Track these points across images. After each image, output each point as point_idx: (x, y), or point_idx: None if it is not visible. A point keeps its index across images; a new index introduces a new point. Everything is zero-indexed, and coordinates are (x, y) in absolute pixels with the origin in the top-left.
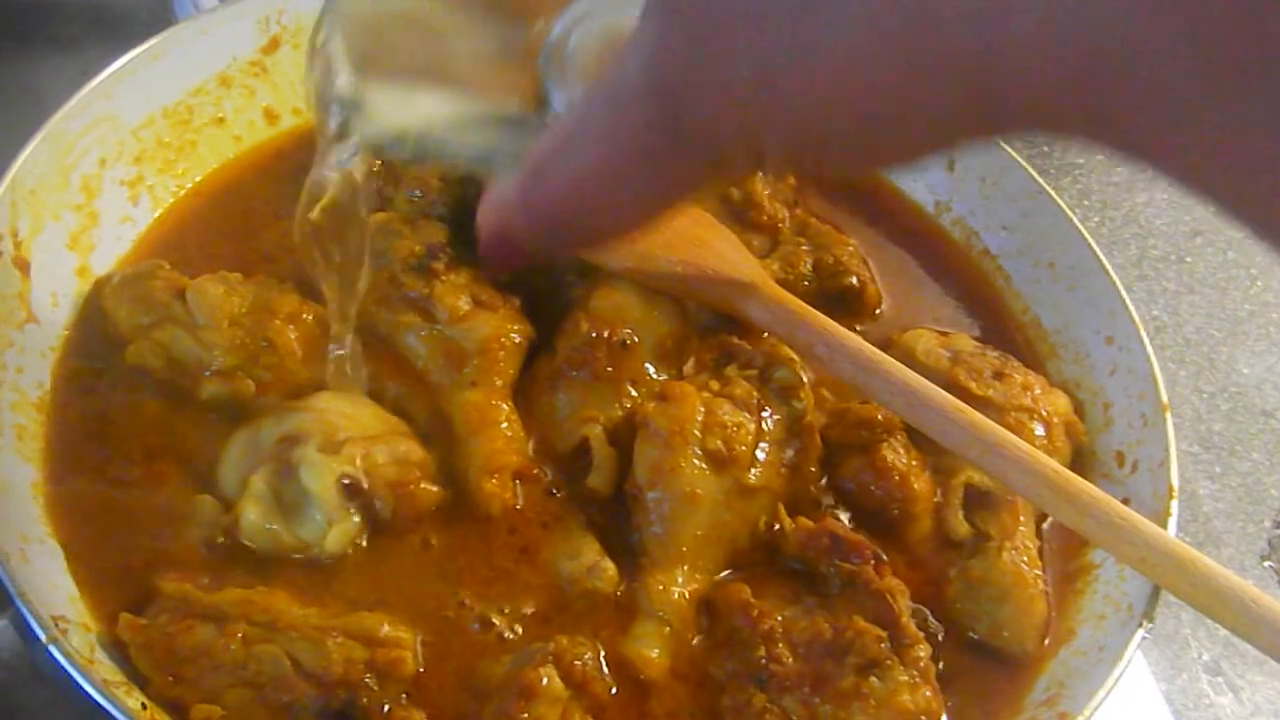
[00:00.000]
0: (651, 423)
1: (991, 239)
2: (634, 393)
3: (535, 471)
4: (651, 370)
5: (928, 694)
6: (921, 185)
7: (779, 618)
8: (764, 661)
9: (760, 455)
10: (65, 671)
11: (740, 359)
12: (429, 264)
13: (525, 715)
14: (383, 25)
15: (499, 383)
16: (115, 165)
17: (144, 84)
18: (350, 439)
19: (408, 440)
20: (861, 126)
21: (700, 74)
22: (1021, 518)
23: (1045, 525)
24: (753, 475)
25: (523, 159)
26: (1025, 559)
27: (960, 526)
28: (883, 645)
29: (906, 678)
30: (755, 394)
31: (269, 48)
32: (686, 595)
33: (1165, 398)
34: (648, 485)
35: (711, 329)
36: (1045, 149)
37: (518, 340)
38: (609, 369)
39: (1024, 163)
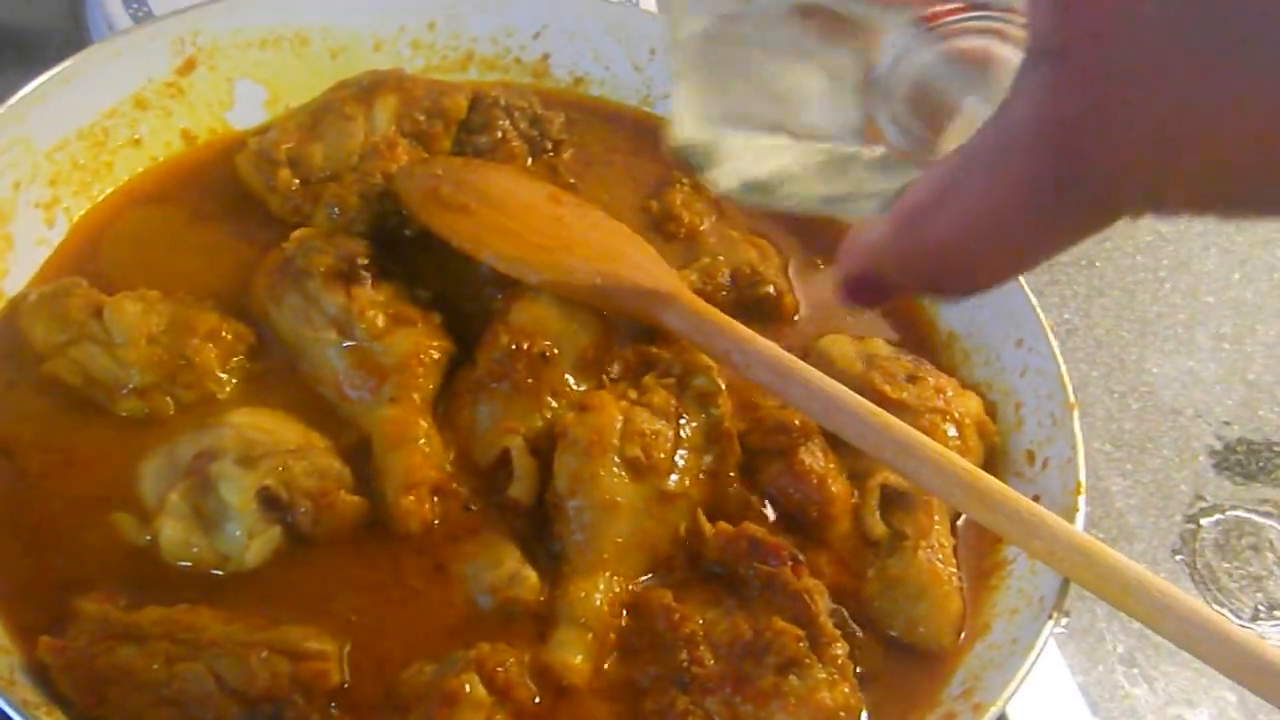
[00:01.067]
0: (570, 432)
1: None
2: (554, 404)
3: (454, 486)
4: (572, 381)
5: (846, 690)
6: None
7: (700, 620)
8: (686, 664)
9: (679, 462)
10: None
11: (658, 367)
12: (348, 276)
13: None
14: (719, 69)
15: (418, 398)
16: (29, 188)
17: (57, 106)
18: (268, 452)
19: (326, 453)
20: None
21: (1096, 124)
22: (936, 517)
23: (959, 523)
24: (671, 482)
25: (891, 202)
26: (940, 557)
27: (877, 527)
28: (801, 644)
29: (825, 675)
30: (673, 401)
31: (184, 69)
32: (607, 601)
33: (1072, 397)
34: (568, 494)
35: (630, 338)
36: None
37: (437, 356)
38: (529, 381)
39: None
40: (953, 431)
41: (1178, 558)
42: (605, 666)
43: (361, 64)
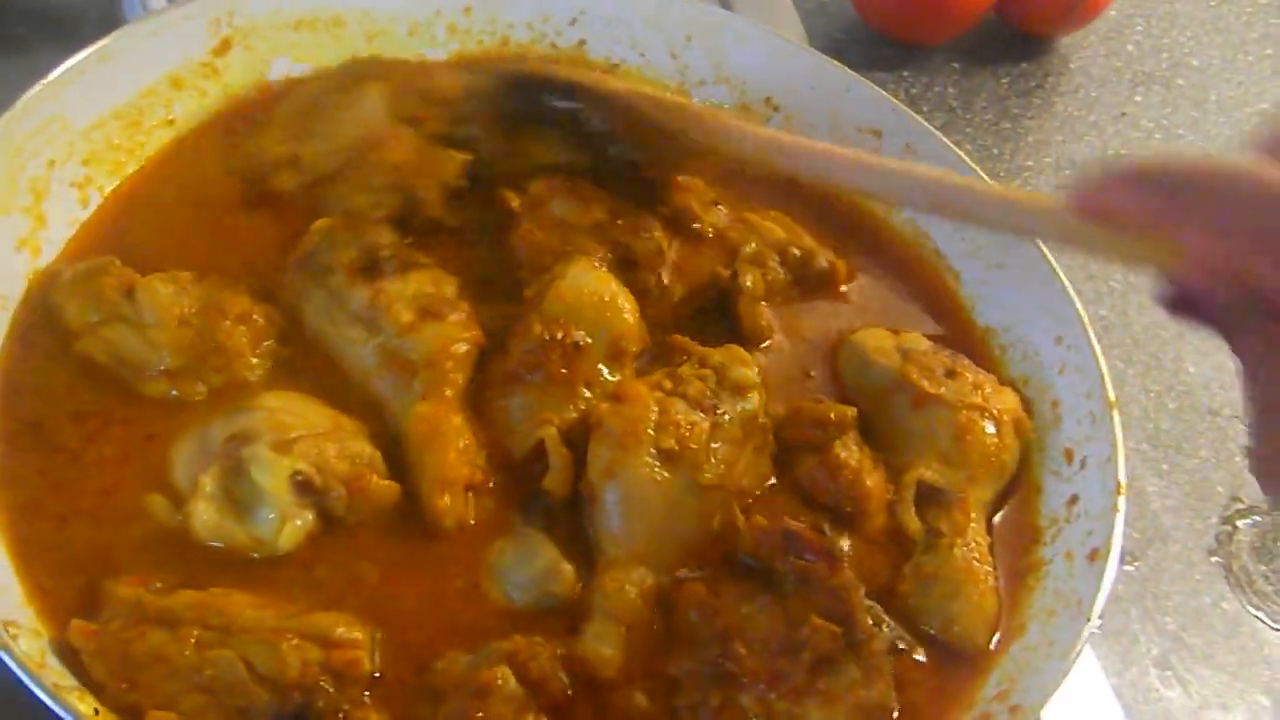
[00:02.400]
0: (605, 422)
1: (942, 240)
2: (588, 394)
3: (489, 483)
4: (605, 371)
5: (882, 688)
6: None
7: (736, 615)
8: (720, 660)
9: (714, 454)
10: (16, 677)
11: (694, 356)
12: (372, 269)
13: (480, 715)
14: None
15: (449, 393)
16: (64, 167)
17: (93, 85)
18: (301, 436)
19: (358, 438)
20: None
21: None
22: (973, 514)
23: (996, 520)
24: (707, 474)
25: None
26: (976, 555)
27: (912, 523)
28: (838, 641)
29: (861, 673)
30: (709, 392)
31: (220, 49)
32: (640, 594)
33: (1113, 396)
34: (602, 484)
35: (661, 328)
36: (995, 151)
37: (466, 349)
38: (563, 371)
39: (974, 165)
40: (990, 428)
41: (1214, 560)
42: (637, 659)
43: (397, 47)
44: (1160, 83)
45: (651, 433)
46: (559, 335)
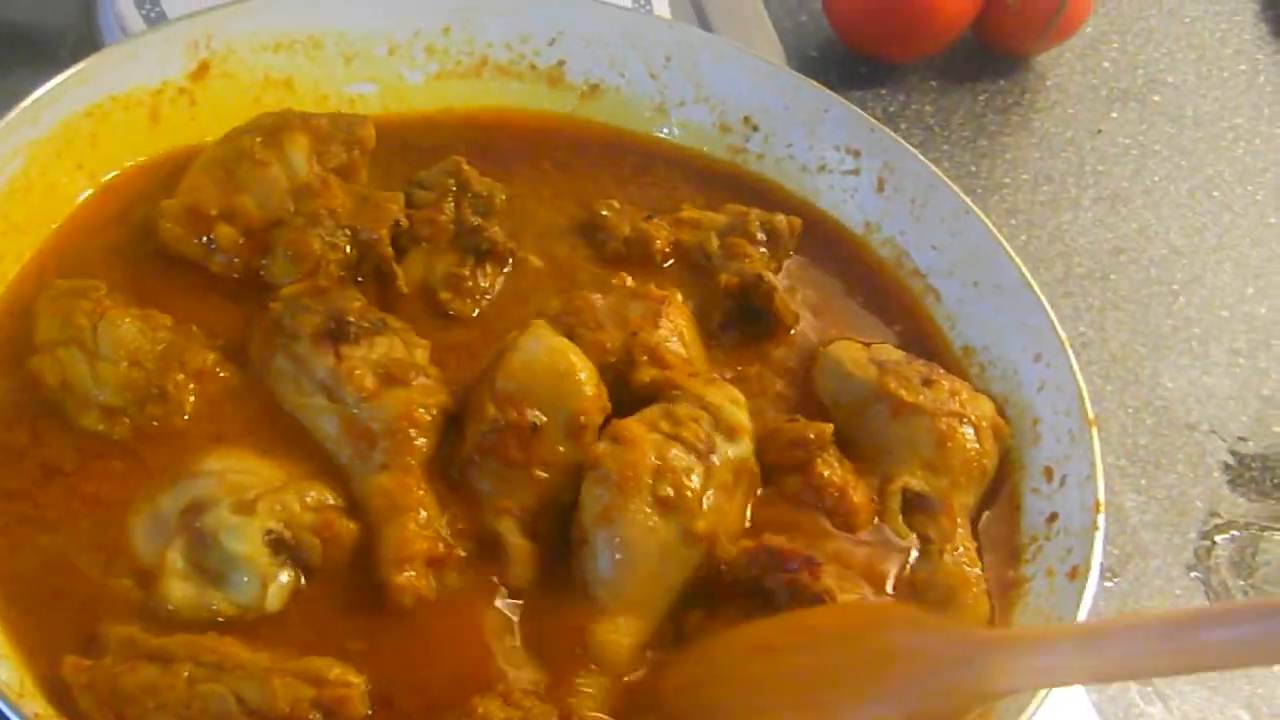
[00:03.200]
0: (603, 465)
1: (921, 258)
2: (544, 475)
3: (452, 553)
4: (563, 450)
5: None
6: (852, 206)
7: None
8: None
9: (706, 502)
10: None
11: (691, 396)
12: (337, 335)
13: None
14: None
15: (412, 461)
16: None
17: (71, 108)
18: (260, 494)
19: (312, 483)
20: None
21: None
22: (959, 520)
23: (980, 524)
24: (700, 523)
25: None
26: (966, 560)
27: (901, 532)
28: None
29: None
30: (703, 436)
31: (198, 71)
32: (634, 645)
33: (1091, 413)
34: (595, 529)
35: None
36: (972, 168)
37: (432, 415)
38: (519, 456)
39: (951, 184)
40: (970, 433)
41: (1193, 574)
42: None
43: (374, 68)
44: (1136, 99)
45: (649, 480)
46: (513, 417)
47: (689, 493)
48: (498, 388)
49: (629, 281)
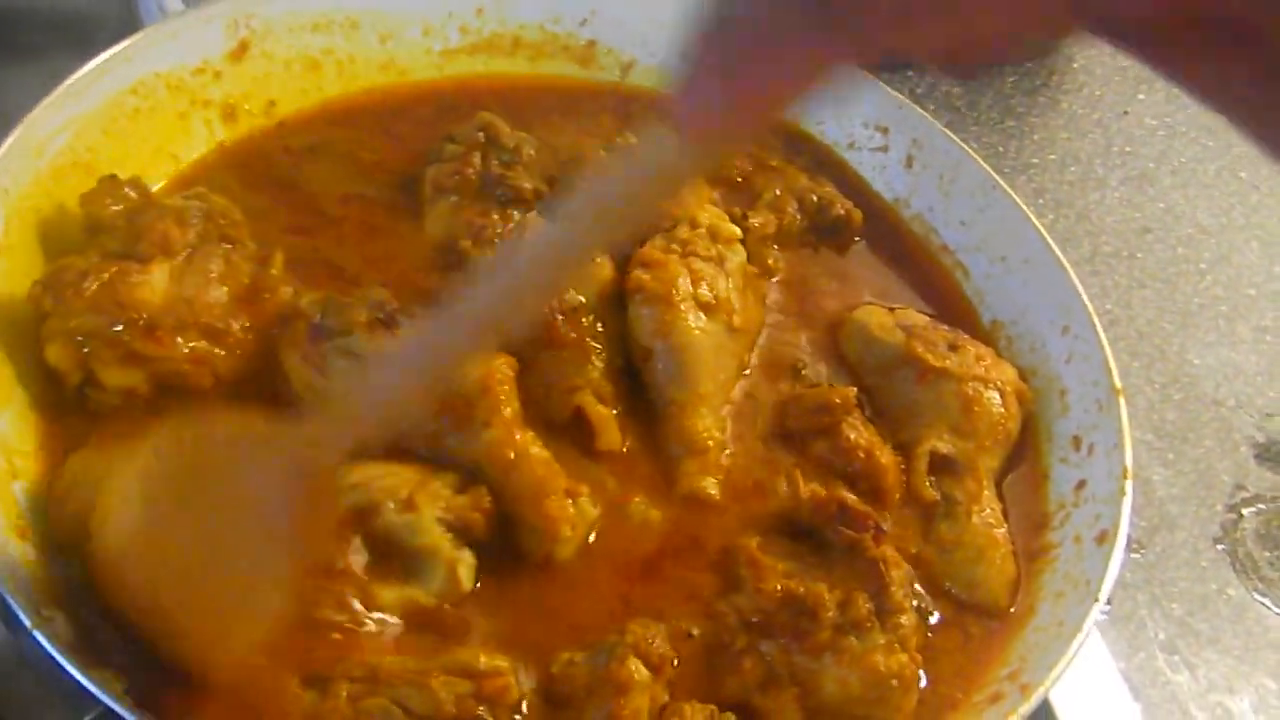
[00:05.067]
0: (645, 287)
1: (950, 234)
2: (597, 346)
3: (581, 490)
4: (603, 322)
5: (903, 660)
6: (881, 183)
7: (779, 570)
8: (754, 610)
9: (734, 299)
10: (50, 658)
11: (685, 220)
12: (387, 322)
13: (626, 711)
14: None
15: (509, 414)
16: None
17: (116, 85)
18: (413, 491)
19: (442, 472)
20: None
21: None
22: (984, 482)
23: (1005, 483)
24: (736, 319)
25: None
26: (992, 520)
27: (928, 493)
28: (868, 608)
29: (884, 641)
30: (711, 248)
31: (238, 51)
32: (718, 426)
33: (1119, 383)
34: (654, 343)
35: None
36: (1000, 149)
37: (510, 372)
38: (572, 335)
39: (981, 161)
40: (996, 398)
41: (1219, 547)
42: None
43: (409, 48)
44: (1163, 80)
45: (689, 290)
46: (555, 303)
47: (722, 295)
48: None
49: (632, 140)
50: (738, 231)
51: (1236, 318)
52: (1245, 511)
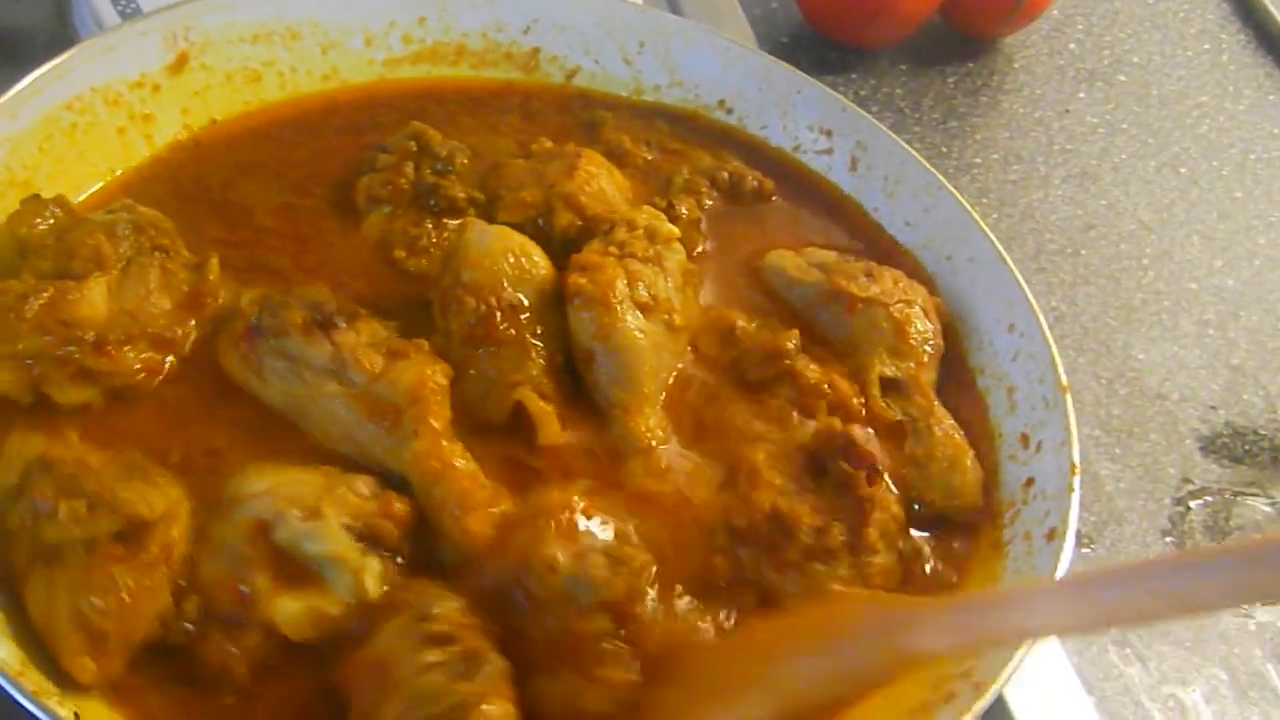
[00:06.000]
0: (584, 291)
1: (896, 234)
2: (538, 344)
3: (501, 496)
4: (543, 318)
5: (859, 594)
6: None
7: (776, 485)
8: (740, 515)
9: (674, 299)
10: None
11: (621, 222)
12: (324, 324)
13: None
14: None
15: (438, 425)
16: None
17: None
18: (319, 497)
19: (350, 476)
20: None
21: None
22: (930, 394)
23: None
24: (676, 318)
25: None
26: (951, 428)
27: (887, 413)
28: (841, 540)
29: (847, 574)
30: (648, 248)
31: (177, 64)
32: (661, 427)
33: (1065, 380)
34: (594, 346)
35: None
36: (943, 149)
37: (443, 380)
38: (511, 332)
39: (923, 160)
40: (920, 314)
41: (1167, 539)
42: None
43: (352, 58)
44: (1102, 79)
45: (626, 292)
46: (493, 301)
47: (660, 295)
48: (466, 280)
49: (548, 144)
50: (676, 231)
51: (1179, 312)
52: (1192, 504)
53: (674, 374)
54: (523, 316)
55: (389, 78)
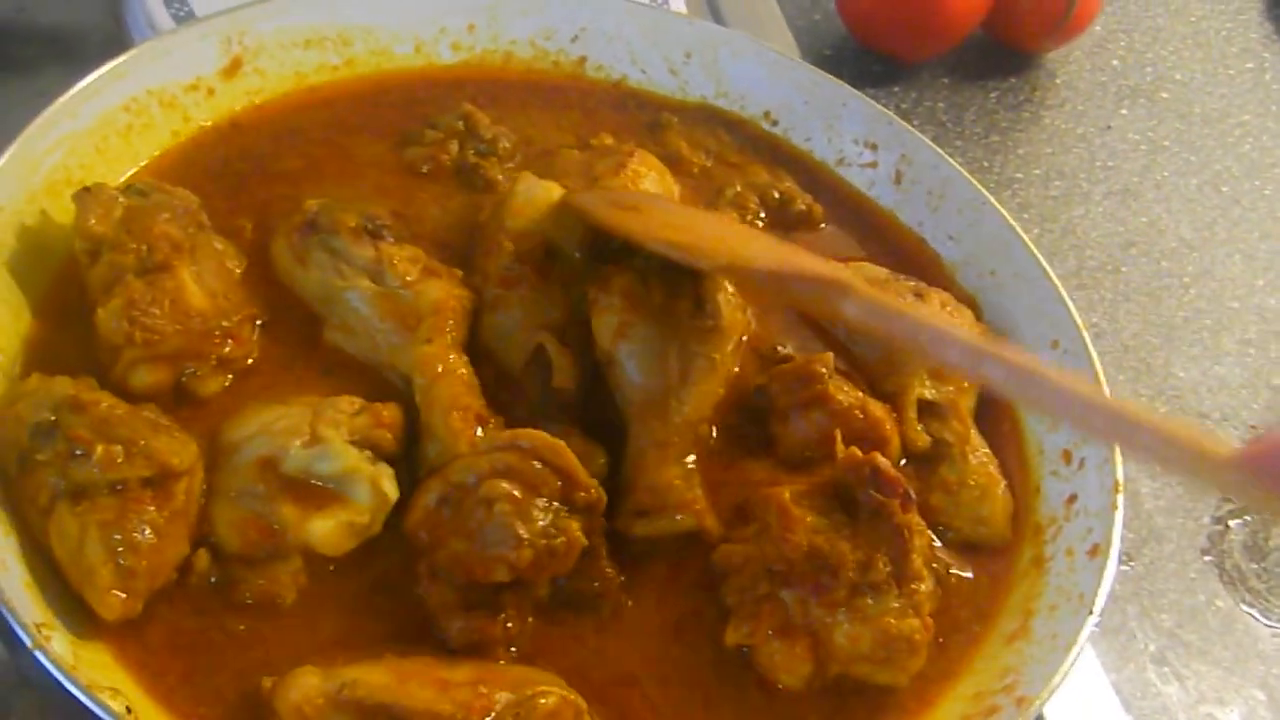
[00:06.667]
0: (602, 299)
1: (941, 249)
2: (565, 297)
3: (491, 417)
4: (573, 268)
5: (915, 624)
6: (869, 196)
7: (807, 523)
8: (778, 558)
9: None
10: (51, 676)
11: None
12: (374, 233)
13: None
14: None
15: (452, 339)
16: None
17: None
18: (312, 423)
19: (331, 399)
20: None
21: None
22: (968, 420)
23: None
24: (705, 321)
25: None
26: (985, 457)
27: (920, 438)
28: (886, 572)
29: (899, 604)
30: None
31: (230, 68)
32: (682, 422)
33: (1109, 396)
34: (615, 347)
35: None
36: (985, 164)
37: (467, 305)
38: (543, 278)
39: (969, 176)
40: None
41: (1206, 558)
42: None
43: (401, 64)
44: (1145, 96)
45: (645, 293)
46: (528, 245)
47: (682, 299)
48: (508, 226)
49: (608, 140)
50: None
51: (1220, 330)
52: (1232, 523)
53: (721, 384)
54: (557, 266)
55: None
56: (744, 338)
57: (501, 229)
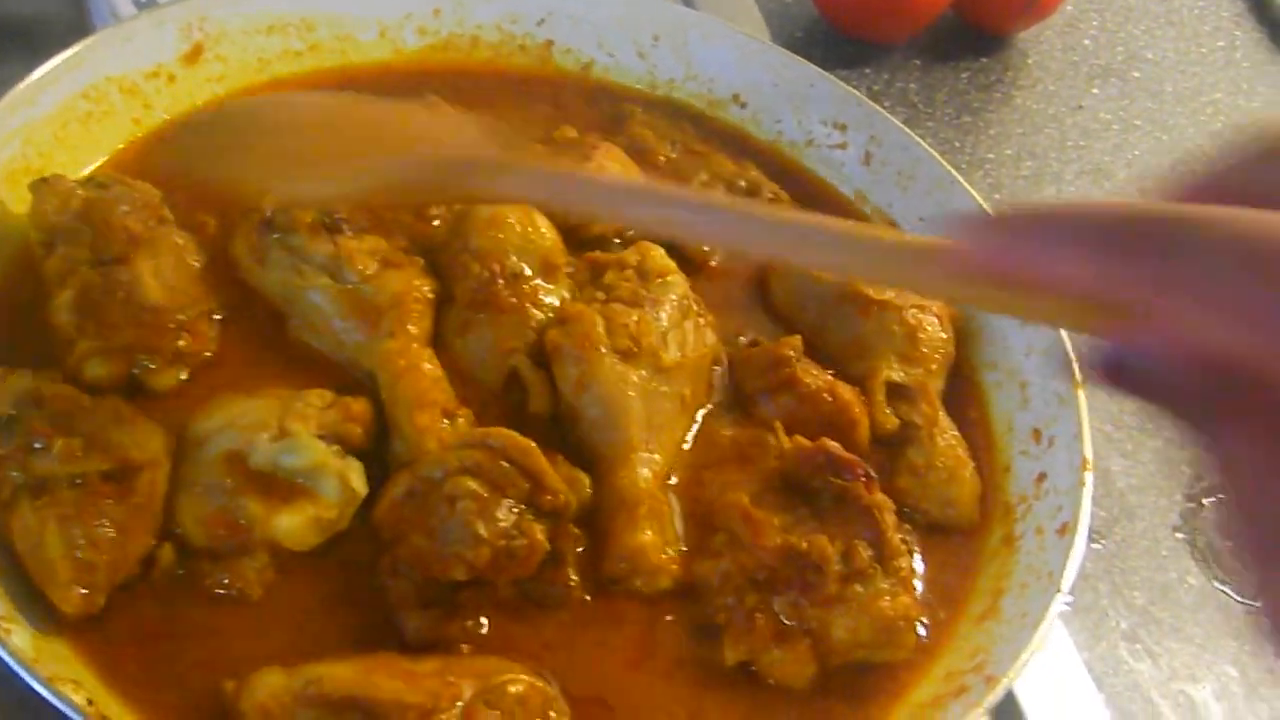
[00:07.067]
0: (561, 345)
1: (910, 230)
2: (537, 313)
3: (460, 409)
4: (543, 285)
5: (907, 601)
6: (840, 180)
7: (775, 523)
8: (756, 568)
9: (668, 338)
10: (9, 669)
11: (613, 264)
12: (331, 228)
13: None
14: None
15: (414, 331)
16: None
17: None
18: (279, 418)
19: (301, 392)
20: None
21: None
22: (937, 403)
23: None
24: (665, 358)
25: None
26: (953, 439)
27: (889, 421)
28: (868, 556)
29: (888, 586)
30: (639, 290)
31: (192, 54)
32: (653, 475)
33: (1079, 375)
34: (578, 399)
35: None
36: (956, 144)
37: (429, 294)
38: (512, 300)
39: (938, 156)
40: (935, 321)
41: (1179, 536)
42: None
43: (366, 50)
44: (1116, 75)
45: (606, 340)
46: (496, 268)
47: (646, 337)
48: (473, 246)
49: (571, 133)
50: (670, 265)
51: None
52: (1205, 500)
53: (692, 419)
54: (525, 285)
55: (429, 61)
56: (717, 367)
57: (465, 249)
